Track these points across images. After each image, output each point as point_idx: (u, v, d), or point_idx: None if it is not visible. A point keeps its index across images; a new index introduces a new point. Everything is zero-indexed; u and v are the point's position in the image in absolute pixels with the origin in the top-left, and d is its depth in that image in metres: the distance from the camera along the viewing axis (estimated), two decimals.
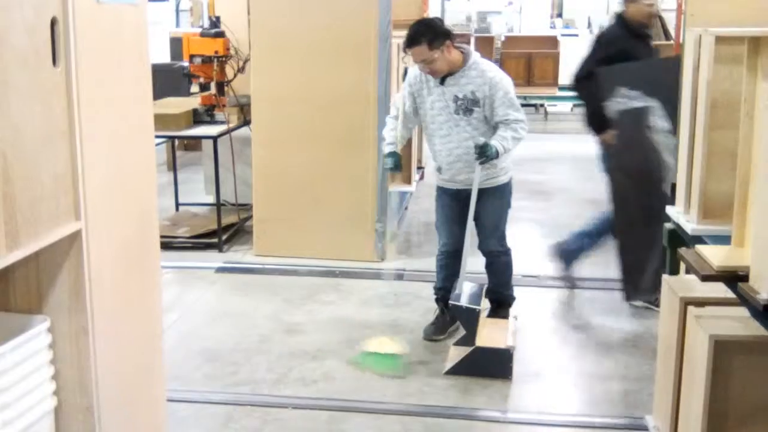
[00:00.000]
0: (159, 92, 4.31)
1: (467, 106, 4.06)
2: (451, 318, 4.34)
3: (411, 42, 4.01)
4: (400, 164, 4.31)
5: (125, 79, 2.49)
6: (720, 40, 2.56)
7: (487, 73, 4.07)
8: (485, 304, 4.32)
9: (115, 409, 2.43)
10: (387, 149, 4.29)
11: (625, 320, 4.61)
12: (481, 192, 4.12)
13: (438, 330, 4.35)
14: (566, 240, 5.13)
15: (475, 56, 4.14)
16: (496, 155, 3.97)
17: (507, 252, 4.38)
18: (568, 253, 5.06)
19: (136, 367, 2.65)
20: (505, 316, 4.34)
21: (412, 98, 4.23)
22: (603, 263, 5.75)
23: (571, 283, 5.10)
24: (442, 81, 4.09)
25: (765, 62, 2.24)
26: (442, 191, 4.34)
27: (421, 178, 8.15)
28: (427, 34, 4.00)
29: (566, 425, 3.52)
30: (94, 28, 2.24)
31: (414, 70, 4.25)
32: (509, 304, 4.43)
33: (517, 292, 4.51)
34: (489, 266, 4.40)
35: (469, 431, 3.50)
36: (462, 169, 4.14)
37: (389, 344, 4.14)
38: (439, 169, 4.26)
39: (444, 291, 4.37)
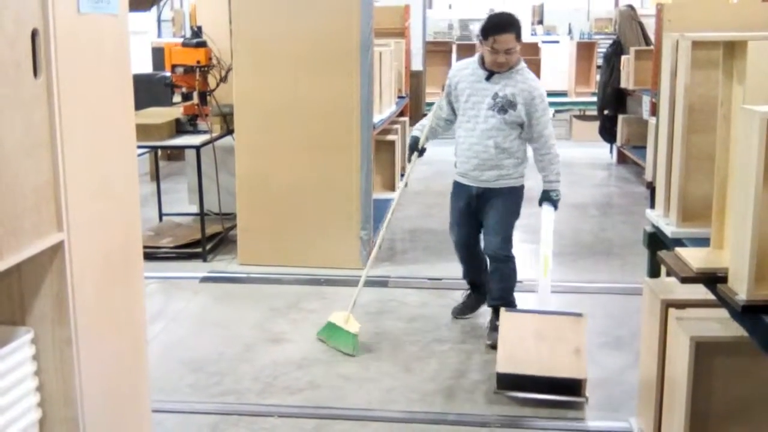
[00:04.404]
0: (141, 102, 4.32)
1: (504, 105, 4.15)
2: (477, 300, 4.65)
3: (503, 29, 4.11)
4: (416, 146, 4.47)
5: (107, 90, 2.49)
6: (696, 44, 2.60)
7: (530, 82, 4.20)
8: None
9: (99, 420, 2.43)
10: (413, 133, 4.55)
11: (608, 323, 4.64)
12: (491, 192, 4.28)
13: (466, 308, 4.69)
14: None
15: (524, 63, 4.28)
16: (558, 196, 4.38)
17: (511, 259, 4.41)
18: None
19: (120, 378, 2.65)
20: None
21: (449, 91, 4.36)
22: (585, 267, 5.79)
23: None
24: (489, 77, 4.19)
25: (740, 66, 2.28)
26: (456, 188, 4.46)
27: (405, 185, 8.18)
28: (517, 25, 4.17)
29: (551, 429, 3.54)
30: (75, 39, 2.24)
31: (458, 65, 4.43)
32: (512, 307, 4.36)
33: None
34: (493, 273, 4.40)
35: None
36: (477, 165, 4.26)
37: (352, 323, 4.29)
38: (456, 163, 4.40)
39: (470, 275, 4.66)
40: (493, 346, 4.12)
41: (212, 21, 6.43)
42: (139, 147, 3.77)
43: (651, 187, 3.73)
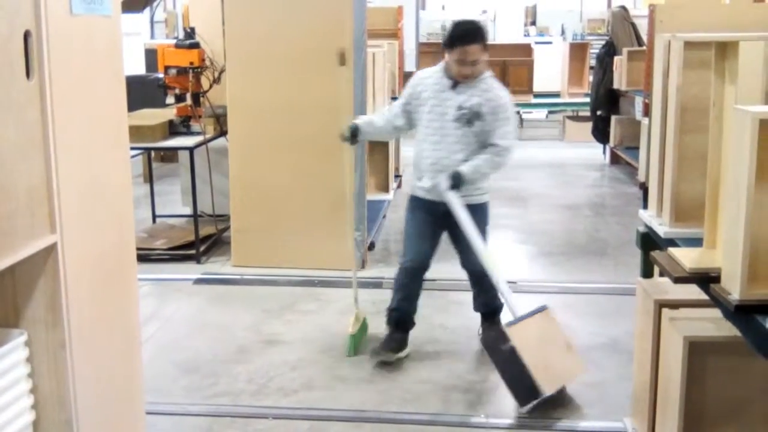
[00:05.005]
0: (134, 104, 4.31)
1: (469, 117, 3.96)
2: (402, 341, 4.16)
3: (471, 39, 3.92)
4: (351, 135, 4.23)
5: (100, 91, 2.49)
6: (689, 45, 2.61)
7: (496, 91, 4.02)
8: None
9: (93, 422, 2.42)
10: (355, 120, 4.31)
11: (602, 323, 4.65)
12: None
13: (387, 353, 4.10)
14: None
15: (489, 72, 4.11)
16: (463, 178, 3.91)
17: None
18: None
19: (114, 380, 2.64)
20: (498, 322, 4.24)
21: (409, 99, 4.15)
22: (578, 268, 5.80)
23: None
24: (454, 86, 4.01)
25: (732, 66, 2.28)
26: (416, 202, 4.16)
27: (399, 186, 8.19)
28: (483, 34, 4.00)
29: (546, 429, 3.54)
30: (67, 40, 2.24)
31: (422, 73, 4.21)
32: (500, 310, 4.31)
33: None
34: (476, 284, 4.25)
35: None
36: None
37: (354, 324, 4.30)
38: (419, 178, 4.11)
39: (399, 313, 4.17)
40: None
41: (205, 22, 6.42)
42: (133, 148, 3.76)
43: (644, 188, 3.72)
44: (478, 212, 4.04)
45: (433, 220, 4.09)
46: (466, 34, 3.93)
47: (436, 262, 4.23)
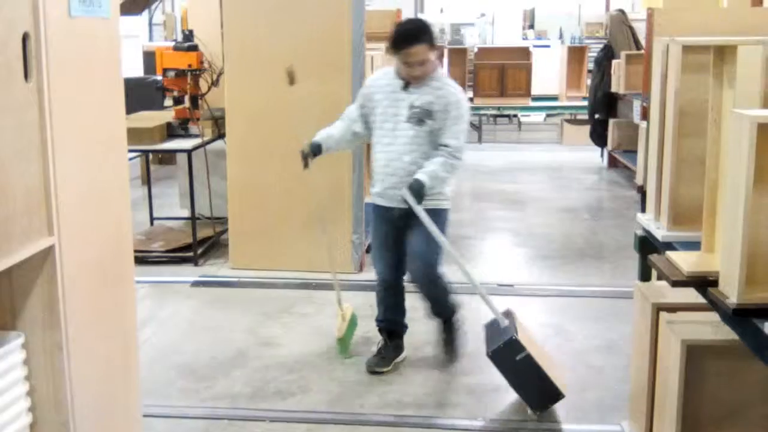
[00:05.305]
0: (132, 106, 4.30)
1: (420, 116, 3.83)
2: (396, 347, 4.15)
3: (413, 40, 3.78)
4: (309, 155, 4.04)
5: (98, 93, 2.49)
6: (687, 49, 2.61)
7: (448, 88, 3.88)
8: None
9: (90, 425, 2.42)
10: (315, 139, 4.09)
11: (600, 326, 4.65)
12: (410, 212, 3.79)
13: (382, 362, 4.08)
14: None
15: (441, 70, 3.99)
16: (425, 188, 3.72)
17: (437, 280, 4.00)
18: None
19: (111, 382, 2.64)
20: (454, 326, 4.17)
21: (363, 102, 4.05)
22: (576, 271, 5.81)
23: None
24: (405, 87, 3.89)
25: (730, 70, 2.29)
26: (375, 211, 4.05)
27: None
28: (427, 32, 3.83)
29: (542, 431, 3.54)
30: (66, 42, 2.24)
31: (374, 75, 4.10)
32: (455, 313, 4.18)
33: (493, 301, 4.49)
34: (423, 295, 4.06)
35: None
36: (396, 183, 3.85)
37: (340, 326, 4.24)
38: (373, 183, 4.01)
39: (386, 323, 4.18)
40: (451, 361, 4.13)
41: (204, 24, 6.42)
42: (131, 151, 3.75)
43: (642, 191, 3.70)
44: (442, 215, 3.94)
45: (392, 228, 3.98)
46: (407, 36, 3.80)
47: None
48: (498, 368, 3.65)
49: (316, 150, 4.07)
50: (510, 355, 3.57)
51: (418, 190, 3.71)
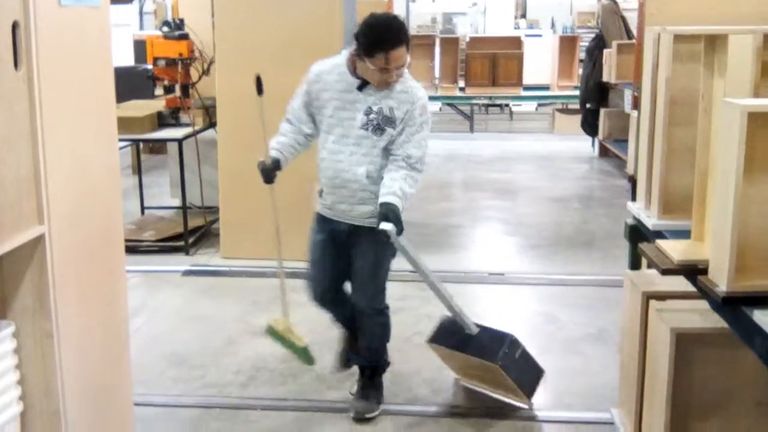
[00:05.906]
0: (123, 95, 4.29)
1: (380, 123, 3.27)
2: (378, 385, 3.67)
3: (395, 41, 3.17)
4: (273, 173, 3.59)
5: (88, 82, 2.48)
6: (678, 38, 2.61)
7: (414, 90, 3.33)
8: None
9: (81, 413, 2.42)
10: (271, 154, 3.57)
11: (590, 315, 4.67)
12: (363, 231, 3.37)
13: (352, 355, 3.76)
14: None
15: (406, 71, 3.36)
16: (400, 212, 3.20)
17: (382, 312, 3.56)
18: None
19: (102, 371, 2.64)
20: (380, 384, 3.65)
21: (309, 99, 3.51)
22: (567, 260, 5.82)
23: None
24: (361, 87, 3.31)
25: (721, 59, 2.29)
26: (319, 221, 3.57)
27: None
28: (406, 30, 3.29)
29: (532, 419, 3.55)
30: (56, 31, 2.23)
31: (321, 67, 3.48)
32: (384, 370, 3.70)
33: (483, 289, 4.48)
34: (360, 326, 3.60)
35: (438, 427, 3.52)
36: (346, 197, 3.38)
37: (295, 334, 3.81)
38: (321, 192, 3.51)
39: (342, 324, 3.78)
40: (359, 419, 3.49)
41: (194, 13, 6.39)
42: (121, 140, 3.74)
43: (632, 180, 3.71)
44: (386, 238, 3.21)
45: (331, 247, 3.52)
46: (388, 36, 3.19)
47: (422, 253, 4.13)
48: (506, 372, 3.50)
49: (275, 169, 3.59)
50: (513, 356, 3.57)
51: (397, 219, 3.17)
